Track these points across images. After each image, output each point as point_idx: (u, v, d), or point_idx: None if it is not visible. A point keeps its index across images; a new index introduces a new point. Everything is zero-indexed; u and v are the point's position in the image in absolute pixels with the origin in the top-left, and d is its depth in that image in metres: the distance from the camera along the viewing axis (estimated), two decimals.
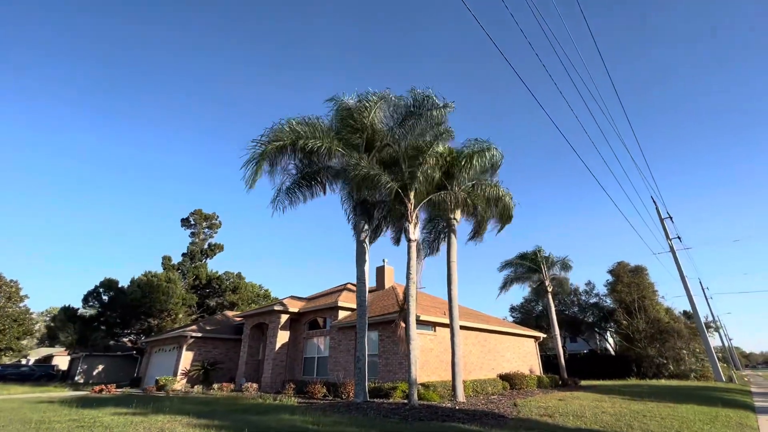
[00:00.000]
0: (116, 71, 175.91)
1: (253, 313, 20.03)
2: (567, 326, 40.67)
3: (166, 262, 32.72)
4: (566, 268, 24.25)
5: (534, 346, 22.14)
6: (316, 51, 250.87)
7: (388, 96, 14.23)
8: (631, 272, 36.78)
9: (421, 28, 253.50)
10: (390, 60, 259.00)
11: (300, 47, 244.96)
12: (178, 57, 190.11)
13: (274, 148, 13.43)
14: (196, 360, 20.62)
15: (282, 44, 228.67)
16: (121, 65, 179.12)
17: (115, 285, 27.73)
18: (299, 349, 18.60)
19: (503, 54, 7.23)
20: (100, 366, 36.35)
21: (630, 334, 31.86)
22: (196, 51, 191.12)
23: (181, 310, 28.35)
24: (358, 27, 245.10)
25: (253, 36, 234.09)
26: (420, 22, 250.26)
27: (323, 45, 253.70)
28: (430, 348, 15.00)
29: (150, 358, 24.51)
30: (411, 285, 11.96)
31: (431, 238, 16.52)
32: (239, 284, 32.33)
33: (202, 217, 35.13)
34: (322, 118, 14.64)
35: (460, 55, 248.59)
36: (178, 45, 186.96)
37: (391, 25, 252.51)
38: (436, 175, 13.86)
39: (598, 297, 39.75)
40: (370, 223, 15.52)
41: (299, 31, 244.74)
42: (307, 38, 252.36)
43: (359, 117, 14.09)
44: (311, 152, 13.94)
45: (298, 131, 13.60)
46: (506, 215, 15.26)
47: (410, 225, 12.44)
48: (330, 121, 14.95)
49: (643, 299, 33.71)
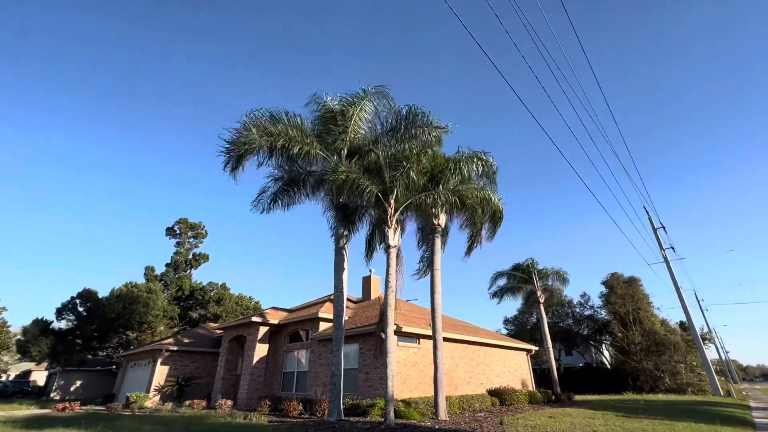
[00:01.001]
0: (97, 72, 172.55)
1: (231, 325, 19.11)
2: (562, 339, 39.82)
3: (149, 273, 31.70)
4: (560, 279, 23.59)
5: (526, 360, 21.32)
6: (313, 57, 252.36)
7: (379, 92, 13.54)
8: (625, 283, 36.21)
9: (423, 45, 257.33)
10: (405, 80, 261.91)
11: (297, 53, 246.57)
12: (165, 61, 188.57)
13: (246, 153, 12.71)
14: (171, 375, 19.57)
15: (278, 47, 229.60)
16: (103, 66, 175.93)
17: (94, 296, 26.65)
18: (279, 363, 17.68)
19: (492, 62, 6.75)
20: (78, 382, 34.86)
21: (625, 347, 31.08)
22: (187, 55, 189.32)
23: (162, 322, 27.25)
24: (361, 33, 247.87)
25: (246, 41, 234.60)
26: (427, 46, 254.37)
27: (320, 50, 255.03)
28: (413, 361, 14.19)
29: (126, 373, 23.36)
30: (390, 294, 11.26)
31: (424, 248, 15.87)
32: (223, 295, 31.27)
33: (188, 226, 34.25)
34: (305, 118, 14.06)
35: (457, 61, 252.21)
36: (166, 49, 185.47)
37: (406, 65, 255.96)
38: (421, 181, 13.38)
39: (593, 309, 39.05)
40: (351, 229, 14.91)
41: (299, 37, 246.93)
42: (304, 43, 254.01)
43: (342, 120, 13.64)
44: (289, 155, 13.36)
45: (272, 131, 12.88)
46: (497, 216, 14.66)
47: (390, 230, 11.80)
48: (311, 122, 14.44)
49: (637, 311, 33.06)
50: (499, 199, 14.54)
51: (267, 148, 12.81)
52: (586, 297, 39.90)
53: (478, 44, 6.65)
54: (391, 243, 11.69)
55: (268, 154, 13.42)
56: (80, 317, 25.96)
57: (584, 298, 39.84)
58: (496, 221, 14.72)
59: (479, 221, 14.85)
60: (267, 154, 13.35)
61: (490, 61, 7.32)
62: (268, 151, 13.10)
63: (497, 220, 14.69)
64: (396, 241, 11.83)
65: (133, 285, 26.85)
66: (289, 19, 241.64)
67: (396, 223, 12.10)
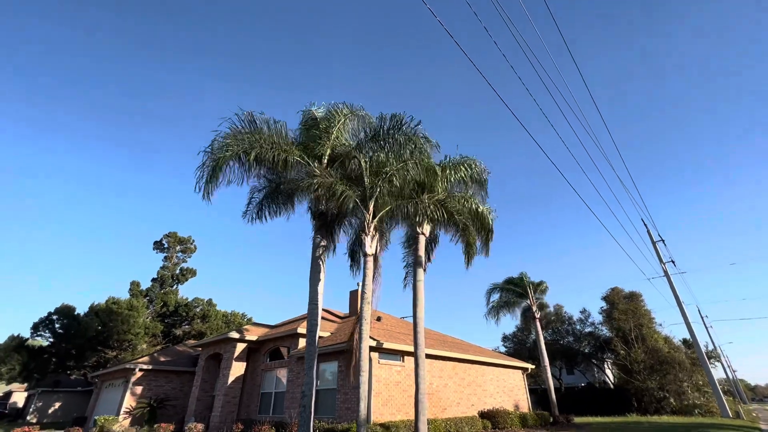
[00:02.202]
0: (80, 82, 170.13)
1: (207, 341, 18.07)
2: (562, 357, 38.33)
3: (134, 288, 30.66)
4: (544, 292, 22.59)
5: (522, 379, 20.14)
6: (310, 69, 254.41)
7: (359, 112, 13.66)
8: (626, 299, 35.08)
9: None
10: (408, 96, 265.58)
11: (291, 66, 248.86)
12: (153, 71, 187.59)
13: (225, 159, 12.22)
14: (144, 396, 18.42)
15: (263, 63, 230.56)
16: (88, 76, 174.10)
17: (71, 312, 25.55)
18: (257, 383, 16.58)
19: (487, 80, 6.18)
20: (56, 403, 33.29)
21: (628, 366, 29.76)
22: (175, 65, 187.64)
23: (143, 340, 26.10)
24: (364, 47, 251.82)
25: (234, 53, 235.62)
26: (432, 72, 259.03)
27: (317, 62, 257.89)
28: (396, 381, 13.17)
29: (100, 394, 22.12)
30: (365, 305, 10.40)
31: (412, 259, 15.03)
32: (209, 311, 30.15)
33: (177, 240, 33.44)
34: (283, 125, 13.68)
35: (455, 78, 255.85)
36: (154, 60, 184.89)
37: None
38: (406, 188, 12.76)
39: (594, 326, 37.72)
40: (330, 239, 14.17)
41: (291, 50, 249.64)
42: (300, 57, 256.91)
43: (325, 126, 13.28)
44: (272, 163, 12.86)
45: (251, 139, 12.49)
46: (486, 228, 13.91)
47: (367, 237, 11.04)
48: (295, 131, 14.17)
49: (640, 327, 31.83)
50: (488, 210, 13.86)
51: (245, 154, 12.27)
52: (586, 313, 38.69)
53: (478, 70, 6.07)
54: (368, 251, 10.91)
55: (246, 163, 12.90)
56: (57, 334, 24.84)
57: (584, 314, 38.63)
58: (487, 232, 13.98)
59: (471, 233, 14.14)
60: (246, 163, 12.85)
61: (490, 85, 6.73)
62: (246, 159, 12.58)
63: (487, 231, 13.95)
64: (373, 249, 11.05)
65: (113, 301, 25.82)
66: (296, 38, 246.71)
67: (374, 231, 11.35)
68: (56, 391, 31.35)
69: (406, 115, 12.45)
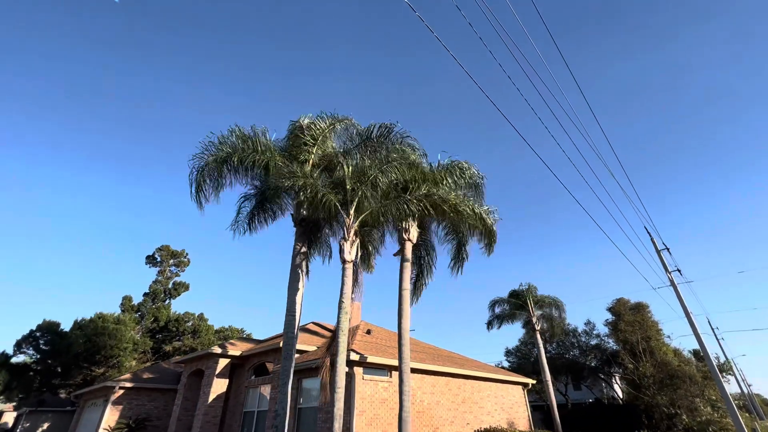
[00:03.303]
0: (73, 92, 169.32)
1: (189, 357, 17.28)
2: (567, 371, 36.88)
3: (126, 303, 30.00)
4: (556, 306, 21.70)
5: (522, 395, 19.08)
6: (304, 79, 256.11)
7: (346, 120, 13.47)
8: (632, 310, 33.81)
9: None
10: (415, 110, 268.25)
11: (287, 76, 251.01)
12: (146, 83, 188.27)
13: (213, 163, 12.26)
14: (124, 416, 17.55)
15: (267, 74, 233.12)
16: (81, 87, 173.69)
17: (55, 328, 24.88)
18: (240, 401, 15.71)
19: (484, 92, 5.70)
20: (45, 424, 32.19)
21: (636, 380, 28.46)
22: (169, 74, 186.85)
23: (131, 356, 25.28)
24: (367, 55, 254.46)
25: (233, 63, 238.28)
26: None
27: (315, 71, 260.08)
28: (382, 398, 12.30)
29: (82, 413, 21.25)
30: (343, 316, 9.68)
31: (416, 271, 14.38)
32: (200, 327, 29.33)
33: (170, 253, 32.88)
34: (265, 132, 13.61)
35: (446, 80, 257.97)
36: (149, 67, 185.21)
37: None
38: (391, 193, 12.27)
39: (600, 338, 36.32)
40: (311, 246, 13.62)
41: (290, 60, 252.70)
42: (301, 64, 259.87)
43: (311, 134, 13.11)
44: (249, 167, 12.73)
45: (230, 145, 12.49)
46: (487, 231, 13.31)
47: (346, 243, 10.39)
48: (283, 141, 14.10)
49: (647, 339, 30.56)
50: (487, 210, 13.25)
51: (228, 158, 12.22)
52: (591, 325, 37.28)
53: (480, 87, 5.56)
54: (347, 257, 10.24)
55: (232, 169, 12.76)
56: (41, 351, 24.13)
57: (589, 326, 37.23)
58: (491, 237, 13.40)
59: (462, 232, 13.54)
60: (231, 168, 12.72)
61: (494, 104, 6.22)
62: (231, 164, 12.49)
63: (489, 235, 13.37)
64: (352, 256, 10.38)
65: (99, 315, 25.13)
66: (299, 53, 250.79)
67: (354, 236, 10.70)
68: (44, 410, 30.39)
69: (397, 125, 12.35)
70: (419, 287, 14.46)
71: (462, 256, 14.28)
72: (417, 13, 5.68)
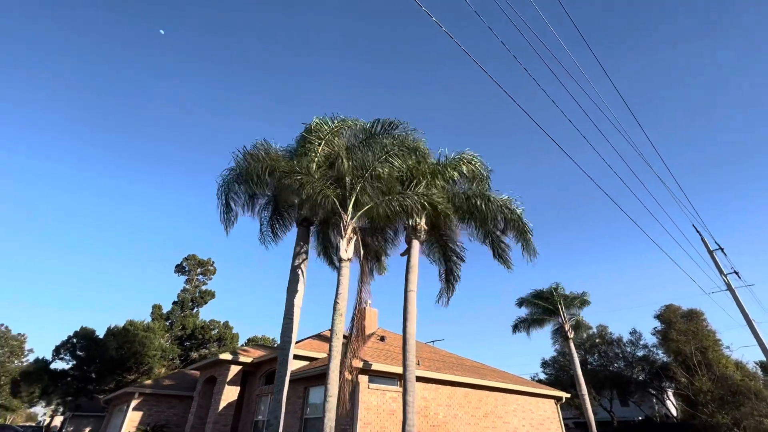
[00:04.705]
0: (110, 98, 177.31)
1: (203, 364, 17.14)
2: (612, 385, 33.82)
3: (156, 311, 30.93)
4: (583, 304, 19.82)
5: (555, 410, 17.35)
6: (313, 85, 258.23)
7: (351, 120, 13.01)
8: (684, 317, 30.60)
9: None
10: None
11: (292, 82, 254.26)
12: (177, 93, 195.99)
13: (232, 180, 12.11)
14: (143, 422, 17.64)
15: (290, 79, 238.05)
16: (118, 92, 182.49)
17: (90, 335, 25.93)
18: (251, 410, 15.29)
19: (519, 104, 5.10)
20: (87, 428, 33.74)
21: (692, 396, 25.49)
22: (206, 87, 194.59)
23: (159, 363, 25.81)
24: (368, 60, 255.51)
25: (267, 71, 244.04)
26: None
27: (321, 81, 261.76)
28: (391, 410, 11.37)
29: (110, 419, 21.76)
30: (338, 318, 8.97)
31: None
32: (225, 334, 29.62)
33: (197, 262, 33.72)
34: None
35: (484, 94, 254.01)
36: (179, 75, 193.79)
37: None
38: (394, 188, 11.55)
39: (647, 348, 33.12)
40: (323, 248, 13.12)
41: (301, 65, 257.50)
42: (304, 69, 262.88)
43: (317, 134, 12.72)
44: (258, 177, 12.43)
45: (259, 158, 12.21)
46: (519, 228, 12.31)
47: (342, 241, 9.73)
48: (291, 146, 13.83)
49: (704, 350, 27.42)
50: (509, 200, 12.26)
51: (245, 175, 11.93)
52: (637, 334, 34.13)
53: (510, 96, 4.90)
54: (343, 255, 9.57)
55: (249, 182, 12.55)
56: (77, 357, 25.19)
57: (635, 336, 34.08)
58: (522, 228, 12.36)
59: (489, 228, 12.53)
60: (248, 182, 12.49)
61: (524, 111, 5.54)
62: (245, 179, 12.25)
63: (513, 226, 12.36)
64: (349, 254, 9.69)
65: (130, 323, 25.95)
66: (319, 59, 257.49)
67: (352, 233, 10.02)
68: (85, 415, 31.79)
69: (403, 123, 11.72)
70: (450, 289, 13.60)
71: (498, 252, 13.18)
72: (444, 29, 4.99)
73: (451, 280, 13.61)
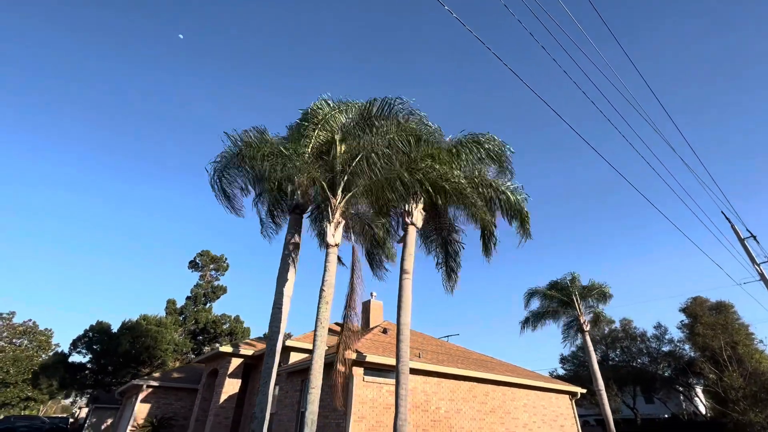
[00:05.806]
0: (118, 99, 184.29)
1: (206, 357, 17.08)
2: (635, 382, 32.36)
3: (170, 306, 31.41)
4: (603, 296, 18.74)
5: (569, 406, 16.46)
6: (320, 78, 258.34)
7: (348, 102, 12.50)
8: (712, 310, 28.81)
9: None
10: None
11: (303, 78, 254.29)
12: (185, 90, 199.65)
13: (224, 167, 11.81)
14: (151, 414, 17.77)
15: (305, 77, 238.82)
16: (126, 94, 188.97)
17: (106, 328, 26.52)
18: (252, 403, 15.06)
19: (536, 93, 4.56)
20: (108, 420, 34.78)
21: (722, 393, 23.99)
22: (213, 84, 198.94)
23: (171, 356, 26.15)
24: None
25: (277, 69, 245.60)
26: None
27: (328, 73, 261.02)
28: (387, 404, 10.87)
29: (123, 411, 22.12)
30: (323, 306, 8.51)
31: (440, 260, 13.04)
32: (236, 328, 29.82)
33: (210, 258, 34.05)
34: None
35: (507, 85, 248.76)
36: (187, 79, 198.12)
37: None
38: (393, 169, 10.96)
39: (673, 343, 31.44)
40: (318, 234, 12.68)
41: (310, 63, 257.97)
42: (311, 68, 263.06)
43: (313, 119, 12.26)
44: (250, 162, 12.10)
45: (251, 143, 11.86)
46: (515, 209, 11.74)
47: (330, 225, 9.25)
48: (288, 133, 13.44)
49: (734, 345, 25.77)
50: (513, 186, 11.68)
51: (237, 158, 11.64)
52: (662, 329, 32.45)
53: (530, 88, 4.34)
54: (330, 241, 9.09)
55: (242, 169, 12.21)
56: (93, 351, 25.82)
57: (660, 330, 32.43)
58: (522, 217, 11.79)
59: (482, 212, 11.90)
60: (240, 168, 12.15)
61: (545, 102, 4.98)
62: (237, 163, 11.93)
63: (516, 215, 11.76)
64: (338, 239, 9.19)
65: (143, 317, 26.41)
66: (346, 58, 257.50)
67: (341, 217, 9.52)
68: (107, 407, 32.75)
69: (404, 101, 11.11)
70: (453, 279, 13.00)
71: (489, 242, 12.54)
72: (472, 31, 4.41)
73: (453, 267, 12.94)
